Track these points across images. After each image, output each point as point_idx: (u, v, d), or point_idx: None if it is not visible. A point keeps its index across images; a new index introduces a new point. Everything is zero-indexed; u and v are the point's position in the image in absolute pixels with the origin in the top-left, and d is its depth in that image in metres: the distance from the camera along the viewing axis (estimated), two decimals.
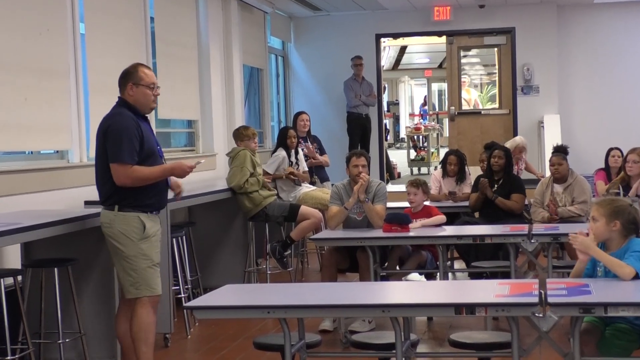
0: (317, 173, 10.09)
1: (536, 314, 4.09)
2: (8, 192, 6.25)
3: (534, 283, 4.59)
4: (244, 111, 11.50)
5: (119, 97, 5.49)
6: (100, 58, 7.68)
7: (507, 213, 8.23)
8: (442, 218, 7.30)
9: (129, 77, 5.44)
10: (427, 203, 7.65)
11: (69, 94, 7.21)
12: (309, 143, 10.23)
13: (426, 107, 26.36)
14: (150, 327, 5.41)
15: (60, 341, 5.70)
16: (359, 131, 12.81)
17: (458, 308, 4.23)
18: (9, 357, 5.33)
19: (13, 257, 6.12)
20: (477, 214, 8.41)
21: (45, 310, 5.93)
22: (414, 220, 7.17)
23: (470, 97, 14.85)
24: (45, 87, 6.90)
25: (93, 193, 5.52)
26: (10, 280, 5.57)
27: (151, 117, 8.59)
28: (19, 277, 5.71)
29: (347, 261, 7.28)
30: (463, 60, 14.67)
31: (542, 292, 4.26)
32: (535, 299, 4.14)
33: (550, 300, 4.13)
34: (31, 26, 6.73)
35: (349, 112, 12.86)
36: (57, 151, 7.35)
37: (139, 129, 5.33)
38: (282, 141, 9.48)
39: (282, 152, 9.35)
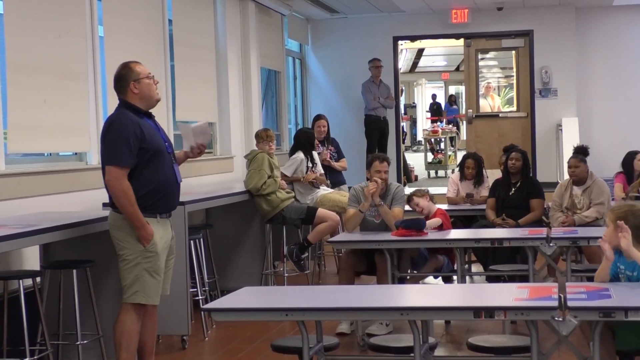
0: (334, 176, 10.06)
1: (556, 318, 4.07)
2: (27, 194, 6.28)
3: (553, 287, 4.56)
4: (262, 114, 11.51)
5: (119, 100, 5.48)
6: (119, 60, 7.63)
7: (524, 214, 8.19)
8: (437, 221, 7.23)
9: (127, 76, 5.43)
10: (439, 206, 7.61)
11: (87, 96, 7.24)
12: (327, 147, 10.21)
13: (455, 107, 25.49)
14: (133, 334, 5.37)
15: (78, 343, 5.72)
16: (377, 134, 12.79)
17: (477, 311, 4.21)
18: (27, 359, 5.35)
19: (32, 259, 6.14)
20: (493, 216, 8.34)
21: (64, 312, 5.95)
22: None
23: (495, 103, 14.81)
24: (64, 89, 6.93)
25: None
26: (29, 282, 5.59)
27: (169, 118, 8.64)
28: (38, 279, 5.73)
29: (364, 264, 7.27)
30: (481, 63, 14.64)
31: (562, 296, 4.24)
32: (555, 303, 4.12)
33: (570, 304, 4.11)
34: (50, 28, 6.76)
35: (367, 114, 12.83)
36: (76, 153, 7.38)
37: (140, 129, 5.31)
38: (301, 144, 9.46)
39: (300, 155, 9.34)
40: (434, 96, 28.11)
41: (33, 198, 6.34)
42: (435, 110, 27.14)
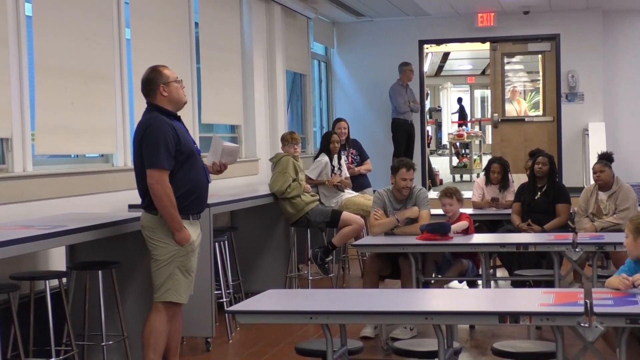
0: (358, 179, 10.06)
1: (582, 324, 4.06)
2: (54, 195, 6.32)
3: (579, 292, 4.54)
4: (287, 116, 11.53)
5: (148, 103, 5.52)
6: (145, 63, 7.66)
7: (550, 219, 8.16)
8: (464, 224, 7.22)
9: (156, 80, 5.47)
10: (462, 210, 7.59)
11: (114, 98, 7.28)
12: (348, 150, 10.21)
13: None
14: (162, 335, 5.41)
15: (103, 343, 5.75)
16: (404, 137, 12.77)
17: (502, 316, 4.20)
18: (53, 359, 5.39)
19: (58, 260, 6.18)
20: (518, 221, 8.30)
21: (89, 313, 5.98)
22: None
23: (521, 108, 14.75)
24: (91, 91, 6.97)
25: (137, 197, 5.56)
26: (55, 282, 5.63)
27: (195, 121, 8.66)
28: (64, 280, 5.77)
29: (388, 268, 7.27)
30: (507, 67, 14.58)
31: (588, 301, 4.22)
32: (581, 309, 4.11)
33: (596, 310, 4.10)
34: (78, 31, 6.80)
35: (395, 118, 12.79)
36: (102, 155, 7.42)
37: (175, 131, 5.36)
38: (325, 146, 9.47)
39: (324, 158, 9.35)
40: (459, 100, 28.04)
41: (60, 199, 6.38)
42: (461, 114, 27.10)
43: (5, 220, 5.67)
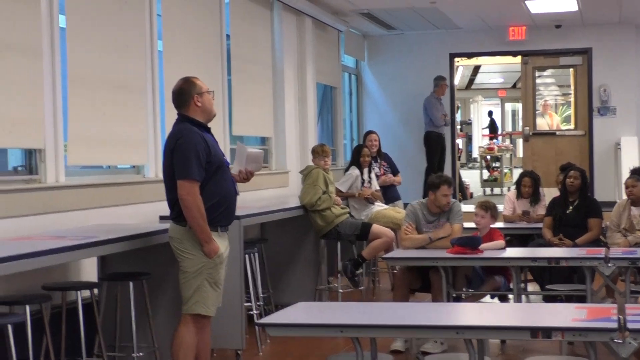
0: (389, 192, 10.04)
1: (615, 340, 4.01)
2: (86, 206, 6.36)
3: (612, 308, 4.50)
4: (317, 129, 11.54)
5: (178, 114, 5.52)
6: (177, 75, 7.69)
7: (582, 234, 8.10)
8: (501, 243, 7.16)
9: (190, 90, 5.47)
10: (493, 226, 7.55)
11: (145, 109, 7.32)
12: (379, 162, 10.19)
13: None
14: (191, 347, 5.41)
15: (134, 354, 5.77)
16: (438, 150, 12.75)
17: (534, 331, 4.17)
18: None
19: (90, 270, 6.21)
20: (550, 235, 8.24)
21: (120, 323, 6.00)
22: None
23: (553, 121, 14.67)
24: (123, 102, 7.02)
25: (168, 208, 5.58)
26: (87, 293, 5.65)
27: (225, 133, 8.69)
28: (96, 290, 5.80)
29: (419, 281, 7.24)
30: (538, 81, 14.51)
31: (621, 317, 4.18)
32: (615, 324, 4.06)
33: (629, 325, 4.05)
34: (111, 43, 6.85)
35: (429, 131, 12.77)
36: (133, 166, 7.46)
37: (206, 143, 5.37)
38: (356, 159, 9.48)
39: (355, 171, 9.34)
40: (490, 113, 27.95)
41: (91, 210, 6.42)
42: (491, 127, 27.01)
43: (38, 230, 5.71)
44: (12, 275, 4.66)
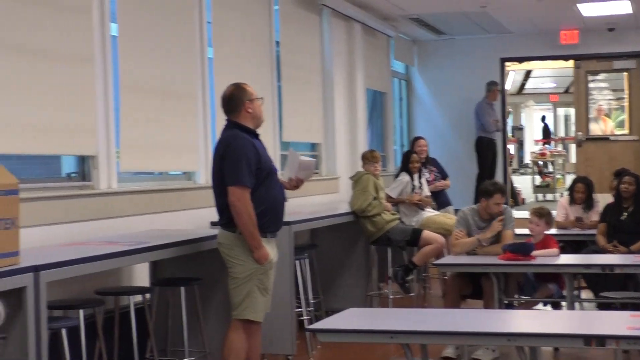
0: (439, 197, 10.01)
1: None
2: (138, 212, 6.42)
3: None
4: (367, 134, 11.54)
5: (228, 120, 5.55)
6: (227, 81, 7.74)
7: (636, 240, 7.99)
8: (555, 251, 7.09)
9: (242, 97, 5.50)
10: (547, 232, 7.48)
11: (196, 116, 7.38)
12: (427, 168, 10.16)
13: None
14: (241, 352, 5.43)
15: (186, 359, 5.80)
16: (490, 156, 12.68)
17: (588, 339, 4.13)
18: None
19: (142, 275, 6.27)
20: (604, 242, 8.14)
21: (172, 328, 6.05)
22: None
23: (607, 126, 14.52)
24: (174, 109, 7.08)
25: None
26: (139, 298, 5.71)
27: (275, 139, 8.73)
28: (147, 295, 5.85)
29: (470, 287, 7.20)
30: (591, 85, 14.37)
31: None
32: None
33: None
34: (162, 50, 6.92)
35: (480, 136, 12.71)
36: (185, 172, 7.52)
37: (256, 149, 5.39)
38: (405, 165, 9.46)
39: (405, 177, 9.33)
40: (543, 118, 27.79)
41: (143, 216, 6.48)
42: (545, 132, 26.82)
43: (91, 236, 5.78)
44: (66, 280, 4.72)
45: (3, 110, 5.26)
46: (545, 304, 7.63)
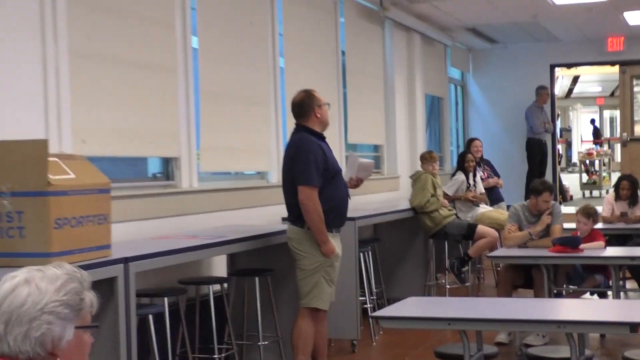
0: (492, 194, 9.93)
1: None
2: (216, 208, 6.48)
3: None
4: (426, 136, 11.49)
5: (297, 124, 5.56)
6: (297, 89, 7.82)
7: None
8: (601, 244, 6.96)
9: (311, 103, 5.50)
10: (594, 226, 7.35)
11: (269, 120, 7.42)
12: (482, 167, 10.08)
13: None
14: (309, 338, 5.44)
15: (260, 343, 5.84)
16: (538, 156, 12.54)
17: (634, 326, 4.07)
18: (215, 355, 5.53)
19: (220, 267, 6.32)
20: None
21: (247, 315, 6.09)
22: None
23: None
24: (249, 114, 7.13)
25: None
26: (217, 287, 5.76)
27: (341, 141, 8.74)
28: (225, 285, 5.90)
29: (521, 278, 7.13)
30: (636, 89, 14.10)
31: None
32: None
33: None
34: (238, 60, 6.98)
35: (530, 138, 12.59)
36: (258, 172, 7.57)
37: (323, 151, 5.39)
38: (461, 165, 9.42)
39: (461, 176, 9.28)
40: (592, 121, 27.48)
41: (221, 212, 6.53)
42: (595, 134, 26.52)
43: (174, 230, 5.85)
44: (152, 271, 4.79)
45: (96, 116, 5.36)
46: (592, 294, 7.52)
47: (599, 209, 8.97)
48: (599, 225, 8.15)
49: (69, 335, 1.90)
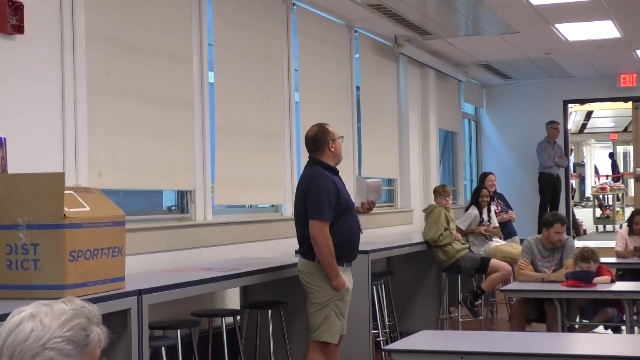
0: (505, 228, 9.88)
1: None
2: (230, 241, 6.47)
3: None
4: (439, 170, 11.47)
5: (310, 158, 5.54)
6: (312, 123, 7.84)
7: None
8: (607, 279, 6.88)
9: (325, 137, 5.47)
10: (604, 260, 7.27)
11: (283, 154, 7.42)
12: (496, 200, 10.05)
13: None
14: None
15: None
16: (550, 191, 12.49)
17: None
18: None
19: (233, 299, 6.30)
20: None
21: (260, 347, 6.04)
22: None
23: None
24: (264, 148, 7.14)
25: None
26: (230, 319, 5.73)
27: (355, 174, 8.72)
28: (238, 317, 5.87)
29: (535, 312, 7.07)
30: None
31: None
32: None
33: None
34: (254, 95, 7.00)
35: (541, 172, 12.56)
36: (272, 205, 7.56)
37: (335, 185, 5.37)
38: (475, 200, 9.38)
39: (474, 211, 9.24)
40: (610, 155, 27.50)
41: (235, 245, 6.52)
42: (614, 168, 26.50)
43: (188, 263, 5.83)
44: (166, 303, 4.76)
45: (112, 149, 5.37)
46: (606, 328, 7.44)
47: (612, 243, 8.91)
48: (613, 260, 8.10)
49: None
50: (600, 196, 19.41)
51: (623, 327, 7.04)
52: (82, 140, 5.05)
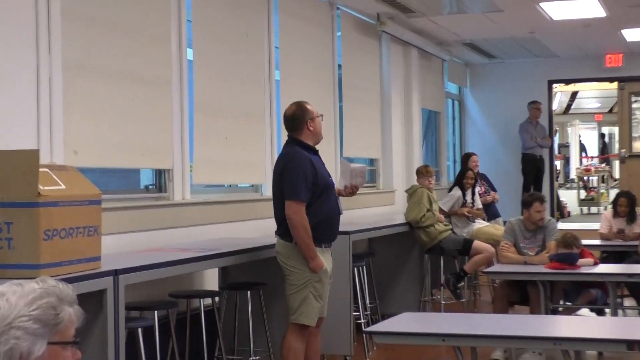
0: (489, 210, 9.92)
1: None
2: (209, 221, 6.45)
3: None
4: (422, 151, 11.48)
5: (289, 137, 5.50)
6: (292, 102, 7.83)
7: None
8: (590, 261, 6.91)
9: (304, 115, 5.42)
10: (588, 242, 7.31)
11: (263, 134, 7.40)
12: (479, 182, 10.07)
13: None
14: (299, 352, 5.38)
15: (251, 358, 5.80)
16: (533, 171, 12.54)
17: (630, 344, 4.04)
18: None
19: (211, 280, 6.29)
20: None
21: (239, 329, 6.05)
22: None
23: None
24: (243, 127, 7.11)
25: None
26: (208, 301, 5.72)
27: (336, 155, 8.72)
28: (217, 298, 5.86)
29: (518, 294, 7.11)
30: (634, 105, 14.12)
31: None
32: None
33: None
34: (233, 74, 6.96)
35: (524, 153, 12.60)
36: (252, 185, 7.54)
37: (313, 165, 5.34)
38: (459, 181, 9.40)
39: (457, 192, 9.26)
40: (602, 135, 27.64)
41: (214, 225, 6.50)
42: (602, 149, 26.62)
43: (166, 243, 5.82)
44: (143, 283, 4.75)
45: (88, 127, 5.34)
46: (591, 311, 7.49)
47: (597, 225, 8.97)
48: (597, 242, 8.15)
49: (39, 350, 1.86)
50: (585, 178, 19.50)
51: (607, 310, 7.10)
52: (57, 117, 5.02)
